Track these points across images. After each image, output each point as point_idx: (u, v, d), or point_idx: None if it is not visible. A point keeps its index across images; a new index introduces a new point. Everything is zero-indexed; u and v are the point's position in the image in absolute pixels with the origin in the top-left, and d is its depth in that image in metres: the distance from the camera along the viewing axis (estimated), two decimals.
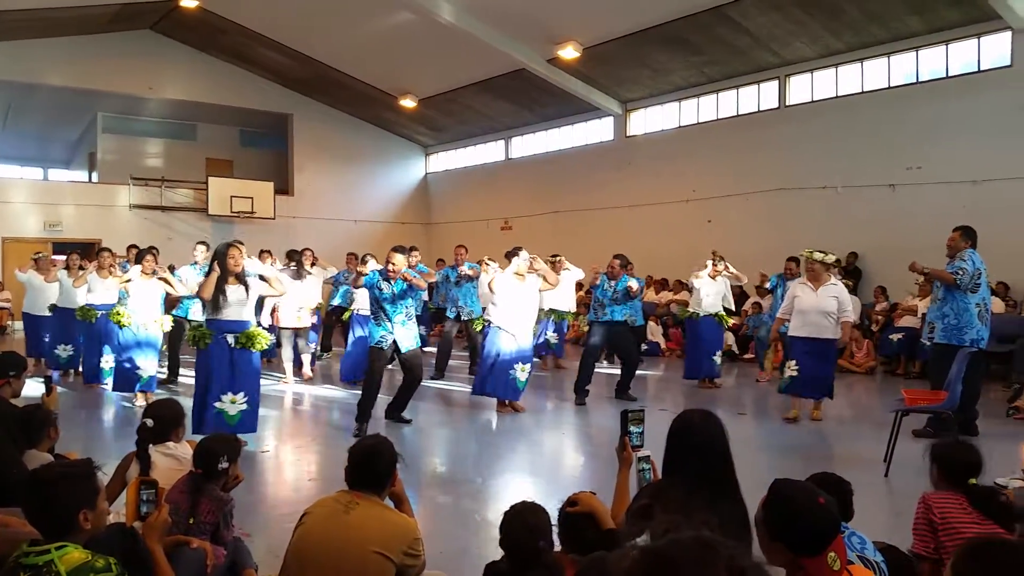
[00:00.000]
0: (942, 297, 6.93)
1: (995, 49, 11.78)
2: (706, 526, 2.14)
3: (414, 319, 7.41)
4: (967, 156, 11.76)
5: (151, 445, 3.60)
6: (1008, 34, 11.46)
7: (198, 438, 3.97)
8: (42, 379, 4.59)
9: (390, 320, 7.12)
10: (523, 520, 2.67)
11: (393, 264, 7.09)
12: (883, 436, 6.03)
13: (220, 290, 6.29)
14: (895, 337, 11.22)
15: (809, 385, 7.59)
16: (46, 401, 4.25)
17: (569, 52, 14.91)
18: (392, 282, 7.11)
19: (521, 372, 8.11)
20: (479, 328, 9.79)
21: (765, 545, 2.18)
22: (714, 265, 9.80)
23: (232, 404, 6.31)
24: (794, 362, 7.58)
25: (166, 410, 3.80)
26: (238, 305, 6.36)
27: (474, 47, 15.38)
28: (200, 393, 6.33)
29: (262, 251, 10.86)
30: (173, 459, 3.66)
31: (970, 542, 1.82)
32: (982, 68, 11.93)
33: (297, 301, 9.81)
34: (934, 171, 12.16)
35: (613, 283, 8.94)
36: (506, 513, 2.74)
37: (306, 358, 10.41)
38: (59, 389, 9.07)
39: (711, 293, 9.76)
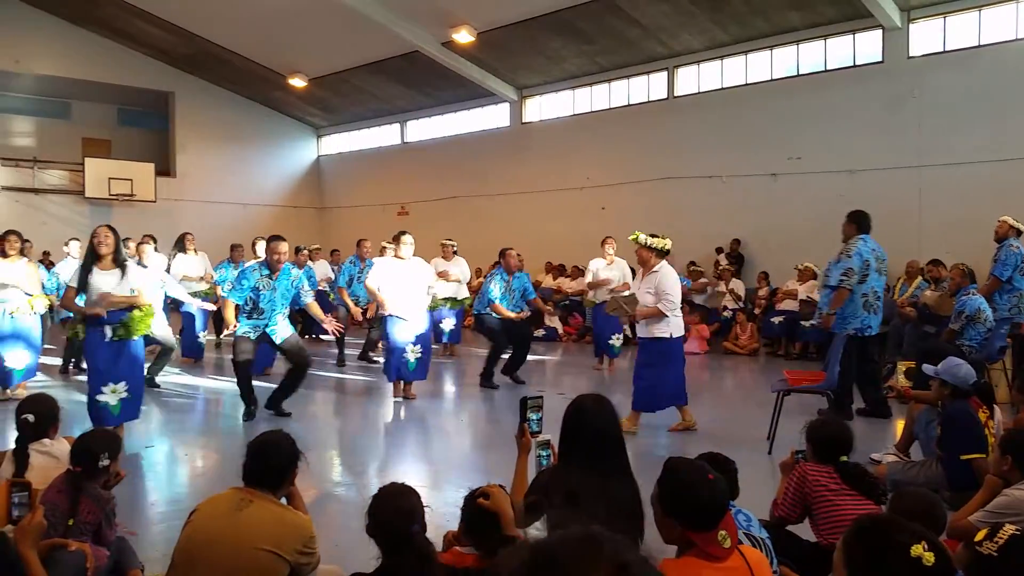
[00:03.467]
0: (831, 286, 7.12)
1: (868, 46, 12.43)
2: (595, 519, 2.17)
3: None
4: (844, 147, 12.41)
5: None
6: (879, 32, 12.13)
7: (77, 434, 3.77)
8: None
9: (268, 317, 6.86)
10: (393, 503, 2.54)
11: (279, 254, 6.83)
12: (766, 415, 6.31)
13: (86, 277, 5.92)
14: (776, 320, 11.74)
15: (663, 395, 6.53)
16: None
17: (464, 36, 14.85)
18: (275, 277, 6.85)
19: (411, 354, 7.98)
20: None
21: (659, 520, 2.26)
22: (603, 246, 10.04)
23: (113, 394, 6.01)
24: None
25: (43, 406, 3.58)
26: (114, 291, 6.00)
27: (367, 26, 15.08)
28: (91, 385, 6.03)
29: (144, 236, 10.35)
30: (50, 457, 3.47)
31: (859, 522, 1.93)
32: (857, 63, 12.58)
33: None
34: (813, 161, 12.76)
35: (509, 279, 8.97)
36: (374, 496, 2.60)
37: None
38: None
39: (612, 278, 9.96)
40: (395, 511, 2.50)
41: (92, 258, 5.97)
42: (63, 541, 2.87)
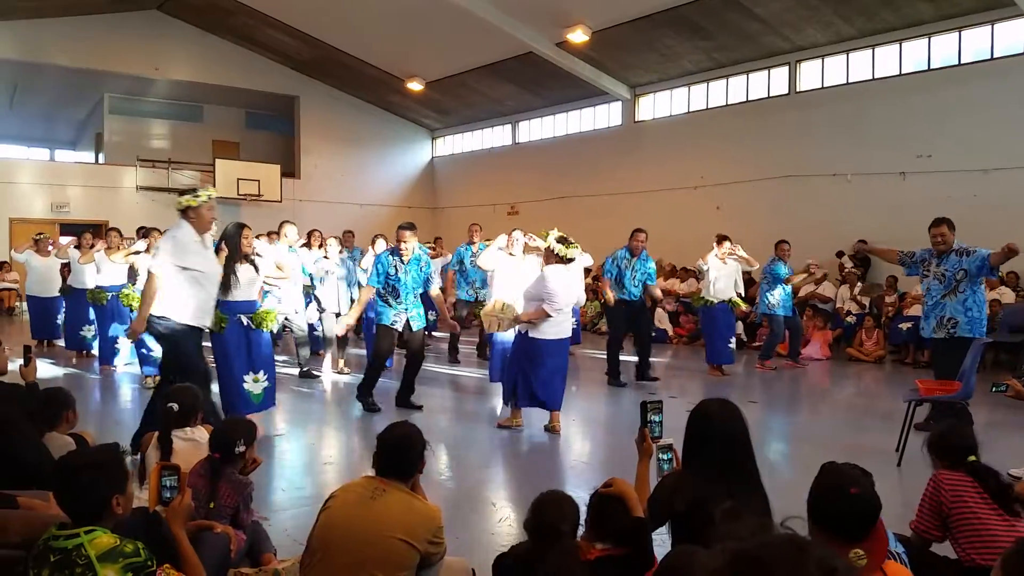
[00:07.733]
0: (963, 290, 6.75)
1: (1009, 36, 11.70)
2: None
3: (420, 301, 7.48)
4: (978, 144, 11.71)
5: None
6: (1022, 21, 11.38)
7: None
8: (38, 355, 4.58)
9: (403, 300, 7.18)
10: (548, 506, 2.71)
11: (405, 243, 7.11)
12: (892, 426, 6.03)
13: (231, 271, 6.29)
14: (904, 326, 11.19)
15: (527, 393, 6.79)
16: (24, 372, 4.30)
17: (578, 36, 14.83)
18: (405, 262, 7.15)
19: None
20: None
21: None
22: (719, 244, 9.82)
23: (256, 383, 6.37)
24: None
25: (187, 396, 3.80)
26: (248, 285, 6.40)
27: (482, 29, 15.31)
28: (224, 375, 6.36)
29: (270, 232, 10.89)
30: (192, 443, 3.67)
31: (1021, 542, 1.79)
32: (995, 55, 11.85)
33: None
34: (945, 160, 12.11)
35: (633, 260, 9.02)
36: (536, 500, 2.77)
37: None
38: (73, 370, 9.21)
39: (722, 277, 9.75)
40: (553, 513, 2.68)
41: (236, 256, 6.35)
42: (210, 523, 3.04)
